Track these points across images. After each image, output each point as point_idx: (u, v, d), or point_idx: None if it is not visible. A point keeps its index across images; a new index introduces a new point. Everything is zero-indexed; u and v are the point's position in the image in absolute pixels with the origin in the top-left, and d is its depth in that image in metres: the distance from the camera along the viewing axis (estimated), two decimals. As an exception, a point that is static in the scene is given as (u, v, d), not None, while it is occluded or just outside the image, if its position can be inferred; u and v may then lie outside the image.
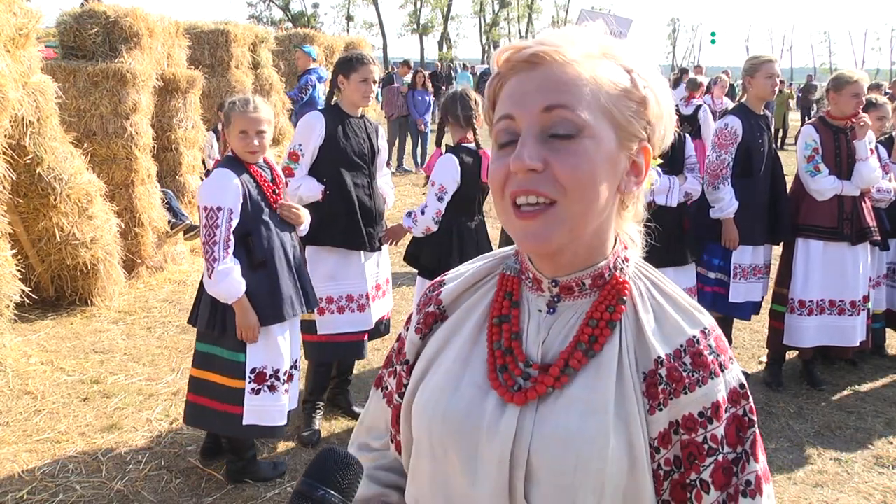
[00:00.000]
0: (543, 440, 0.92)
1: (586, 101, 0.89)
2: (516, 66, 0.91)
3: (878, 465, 3.78)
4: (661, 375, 0.92)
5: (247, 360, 3.19)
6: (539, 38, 0.92)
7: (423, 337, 1.09)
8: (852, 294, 4.46)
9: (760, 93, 4.46)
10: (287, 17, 55.66)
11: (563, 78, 0.89)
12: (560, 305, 0.99)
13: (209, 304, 3.17)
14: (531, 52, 0.90)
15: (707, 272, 4.57)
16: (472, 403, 0.97)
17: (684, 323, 0.96)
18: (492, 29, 63.43)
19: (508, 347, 0.99)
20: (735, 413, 0.94)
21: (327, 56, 13.19)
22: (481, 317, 1.04)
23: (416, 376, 1.05)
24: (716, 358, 0.94)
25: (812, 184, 4.41)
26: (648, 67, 0.95)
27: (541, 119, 0.89)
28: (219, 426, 3.31)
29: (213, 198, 3.10)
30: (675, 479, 0.94)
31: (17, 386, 4.37)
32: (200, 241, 3.12)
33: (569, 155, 0.88)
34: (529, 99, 0.89)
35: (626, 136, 0.92)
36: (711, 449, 0.92)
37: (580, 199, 0.89)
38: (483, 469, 0.94)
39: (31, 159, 5.21)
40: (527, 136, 0.89)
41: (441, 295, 1.09)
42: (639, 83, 0.92)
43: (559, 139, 0.89)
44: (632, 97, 0.92)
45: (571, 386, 0.94)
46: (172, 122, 7.31)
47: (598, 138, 0.90)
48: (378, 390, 1.16)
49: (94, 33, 6.39)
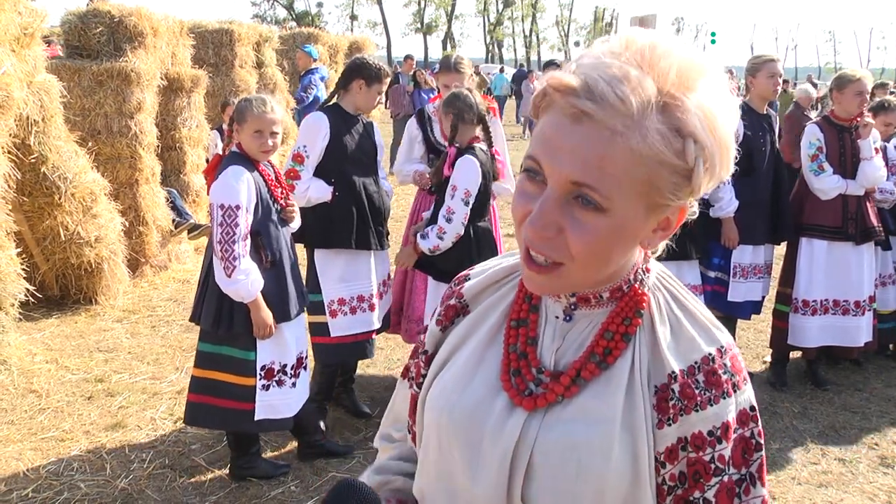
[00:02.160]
0: (547, 445, 0.92)
1: (621, 181, 0.81)
2: (562, 106, 0.83)
3: (882, 465, 3.77)
4: (674, 391, 0.91)
5: (257, 357, 3.20)
6: (592, 79, 0.80)
7: (444, 329, 1.09)
8: (856, 294, 4.44)
9: (763, 92, 4.46)
10: (291, 16, 55.72)
11: (602, 151, 0.80)
12: (577, 313, 0.98)
13: (215, 303, 3.16)
14: (580, 109, 0.80)
15: (707, 271, 4.57)
16: (481, 402, 0.98)
17: (701, 339, 0.94)
18: (496, 28, 63.39)
19: (524, 352, 0.99)
20: (742, 434, 0.94)
21: (331, 55, 13.20)
22: (500, 317, 1.04)
23: (434, 370, 1.06)
24: (730, 378, 0.93)
25: (816, 183, 4.40)
26: (714, 111, 0.83)
27: (567, 188, 0.83)
28: (230, 423, 3.31)
29: (231, 196, 3.04)
30: (678, 494, 0.93)
31: (21, 384, 4.38)
32: (215, 239, 3.06)
33: (585, 231, 0.84)
34: (562, 160, 0.82)
35: (660, 208, 0.87)
36: (718, 469, 0.92)
37: (589, 268, 0.88)
38: (484, 468, 0.95)
39: (36, 158, 5.22)
40: (546, 200, 0.84)
41: (464, 289, 1.10)
42: (690, 153, 0.82)
43: (581, 208, 0.84)
44: (677, 170, 0.83)
45: (581, 395, 0.94)
46: (177, 121, 7.32)
47: (623, 217, 0.84)
48: (405, 380, 1.16)
49: (98, 32, 6.41)
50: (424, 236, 3.67)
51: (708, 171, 0.85)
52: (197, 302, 3.28)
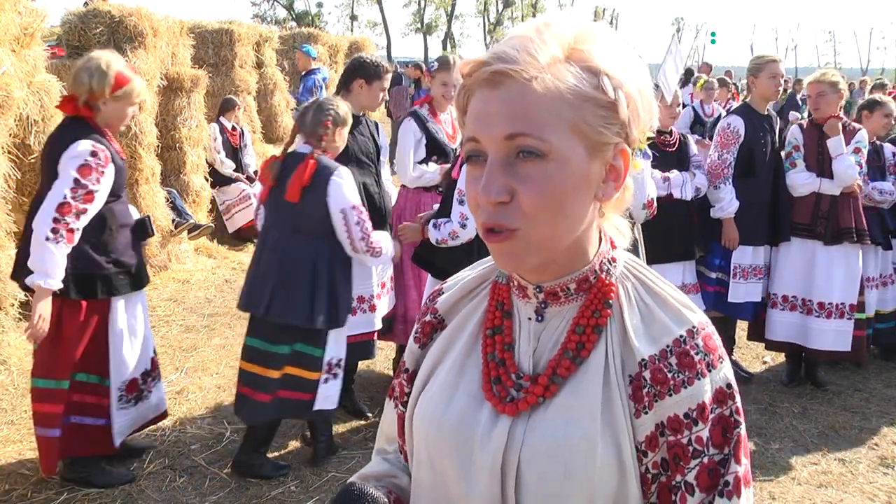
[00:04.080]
0: (533, 448, 0.92)
1: (550, 121, 0.85)
2: (479, 82, 0.88)
3: (882, 465, 3.78)
4: (645, 378, 0.92)
5: (325, 353, 3.33)
6: (500, 49, 0.87)
7: (423, 346, 1.10)
8: (822, 296, 4.43)
9: (764, 92, 4.46)
10: (291, 16, 55.72)
11: (524, 100, 0.85)
12: (547, 312, 0.98)
13: (330, 301, 3.25)
14: (492, 71, 0.86)
15: (708, 272, 4.57)
16: (466, 413, 0.98)
17: (671, 322, 0.94)
18: (496, 28, 63.41)
19: (501, 359, 0.99)
20: (721, 413, 0.92)
21: (331, 56, 13.19)
22: (476, 327, 1.04)
23: (417, 387, 1.06)
24: (703, 357, 0.92)
25: (787, 179, 4.49)
26: (620, 58, 0.89)
27: (505, 146, 0.87)
28: (292, 412, 3.46)
29: (356, 196, 3.30)
30: (662, 481, 0.93)
31: (21, 384, 4.38)
32: (356, 238, 3.25)
33: (533, 182, 0.86)
34: (492, 123, 0.87)
35: (598, 146, 0.89)
36: (696, 451, 0.91)
37: (545, 224, 0.88)
38: (476, 477, 0.95)
39: (36, 158, 5.22)
40: (492, 166, 0.87)
41: (437, 304, 1.11)
42: (607, 86, 0.87)
43: (523, 161, 0.86)
44: (600, 104, 0.87)
45: (560, 394, 0.94)
46: (176, 121, 7.32)
47: (565, 158, 0.86)
48: (391, 400, 1.17)
49: (98, 32, 6.41)
50: (437, 227, 3.60)
51: (632, 109, 0.89)
52: (301, 304, 3.22)
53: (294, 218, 3.26)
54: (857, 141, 4.40)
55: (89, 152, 3.03)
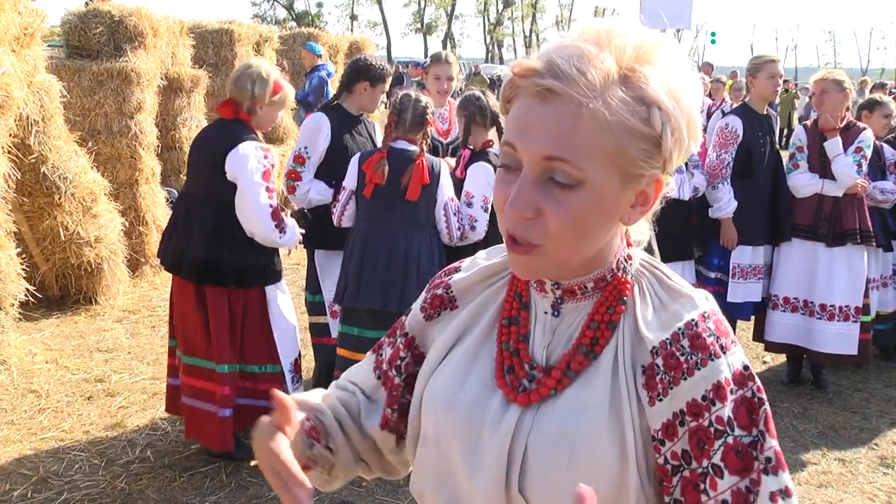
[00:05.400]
0: (539, 437, 0.94)
1: (591, 151, 0.85)
2: (528, 89, 0.87)
3: (882, 465, 3.78)
4: (659, 365, 0.92)
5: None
6: (554, 60, 0.85)
7: (428, 318, 1.11)
8: (824, 297, 4.42)
9: (763, 92, 4.47)
10: (291, 16, 55.74)
11: (570, 123, 0.84)
12: (564, 307, 0.99)
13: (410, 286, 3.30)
14: (543, 86, 0.85)
15: (707, 271, 4.58)
16: (477, 399, 0.99)
17: (682, 309, 0.95)
18: (496, 28, 63.43)
19: (516, 349, 1.01)
20: (743, 395, 0.92)
21: (331, 55, 13.17)
22: (493, 315, 1.05)
23: (429, 366, 1.07)
24: (716, 340, 0.92)
25: (789, 180, 4.49)
26: (675, 84, 0.87)
27: (541, 165, 0.87)
28: None
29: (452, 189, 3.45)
30: (685, 476, 0.91)
31: (21, 384, 4.38)
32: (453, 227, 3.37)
33: (562, 207, 0.86)
34: (533, 138, 0.86)
35: (633, 177, 0.89)
36: (718, 431, 0.90)
37: (567, 245, 0.89)
38: (482, 463, 0.96)
39: (36, 158, 5.22)
40: (524, 180, 0.87)
41: (452, 280, 1.11)
42: (656, 120, 0.86)
43: (556, 185, 0.87)
44: (645, 137, 0.86)
45: (572, 387, 0.96)
46: (177, 121, 7.33)
47: (598, 188, 0.87)
48: (373, 354, 1.18)
49: (98, 32, 6.41)
50: None
51: (676, 140, 0.88)
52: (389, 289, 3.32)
53: (411, 214, 3.34)
54: (860, 140, 4.40)
55: (262, 155, 3.24)
